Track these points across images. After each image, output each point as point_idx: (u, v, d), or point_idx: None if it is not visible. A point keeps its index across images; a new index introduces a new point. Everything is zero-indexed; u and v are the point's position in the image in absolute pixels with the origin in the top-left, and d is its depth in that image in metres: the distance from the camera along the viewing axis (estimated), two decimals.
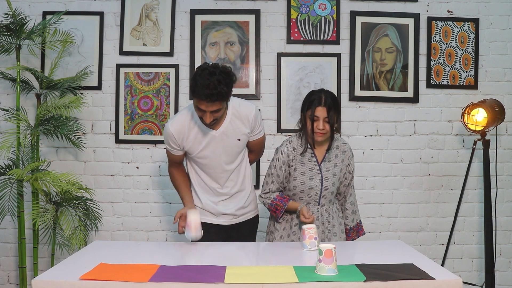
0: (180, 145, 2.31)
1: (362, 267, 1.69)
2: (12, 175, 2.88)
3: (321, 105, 2.24)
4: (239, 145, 2.34)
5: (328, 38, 3.35)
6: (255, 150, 2.50)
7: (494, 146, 3.29)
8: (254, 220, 2.53)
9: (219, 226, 2.40)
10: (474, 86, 3.37)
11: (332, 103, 2.25)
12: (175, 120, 2.30)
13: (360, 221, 2.50)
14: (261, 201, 2.41)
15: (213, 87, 2.03)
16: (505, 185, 3.40)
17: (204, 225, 2.32)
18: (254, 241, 2.56)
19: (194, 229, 2.14)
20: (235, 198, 2.41)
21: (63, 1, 3.34)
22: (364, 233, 2.52)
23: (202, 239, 2.24)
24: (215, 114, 2.14)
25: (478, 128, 3.04)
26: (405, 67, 3.36)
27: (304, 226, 2.08)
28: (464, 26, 3.37)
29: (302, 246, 2.08)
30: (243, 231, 2.47)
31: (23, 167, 2.98)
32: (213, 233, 2.36)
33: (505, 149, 3.41)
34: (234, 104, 2.31)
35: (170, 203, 3.37)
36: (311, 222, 2.21)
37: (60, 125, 3.05)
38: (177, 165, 2.45)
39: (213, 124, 2.22)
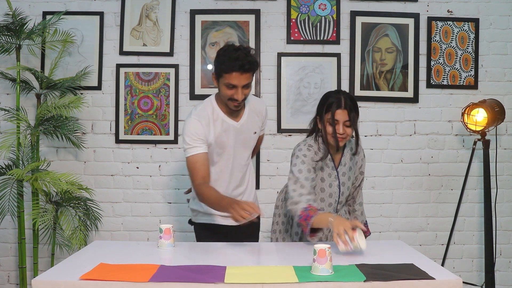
0: (205, 137, 2.19)
1: (362, 267, 1.68)
2: (12, 175, 2.88)
3: (341, 107, 2.08)
4: (254, 138, 2.37)
5: (328, 38, 3.35)
6: (257, 146, 2.53)
7: (494, 146, 3.29)
8: (257, 220, 2.51)
9: (227, 227, 2.35)
10: (474, 86, 3.37)
11: (352, 104, 2.10)
12: (199, 111, 2.23)
13: (366, 221, 2.46)
14: (290, 209, 2.11)
15: (243, 58, 2.07)
16: (505, 185, 3.40)
17: (212, 227, 2.33)
18: (257, 241, 2.54)
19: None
20: (242, 196, 2.40)
21: (63, 1, 3.34)
22: (370, 234, 2.45)
23: (211, 241, 2.24)
24: (245, 90, 2.14)
25: (478, 128, 3.04)
26: (405, 67, 3.36)
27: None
28: (464, 26, 3.37)
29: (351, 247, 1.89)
30: (247, 232, 2.43)
31: (23, 167, 2.98)
32: (221, 234, 2.35)
33: (505, 149, 3.41)
34: (249, 98, 2.33)
35: (170, 203, 3.37)
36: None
37: (60, 125, 3.05)
38: (205, 178, 2.17)
39: (240, 107, 2.20)
